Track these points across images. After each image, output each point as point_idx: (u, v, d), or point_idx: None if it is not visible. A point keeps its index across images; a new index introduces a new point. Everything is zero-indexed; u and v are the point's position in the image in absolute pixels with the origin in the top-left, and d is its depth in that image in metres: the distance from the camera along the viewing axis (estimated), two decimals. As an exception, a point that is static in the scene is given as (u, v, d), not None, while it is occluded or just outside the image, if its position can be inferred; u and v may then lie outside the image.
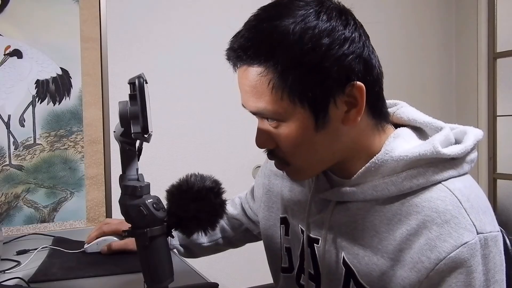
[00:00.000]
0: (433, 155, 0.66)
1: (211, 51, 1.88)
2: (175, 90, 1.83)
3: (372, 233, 0.70)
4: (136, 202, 0.67)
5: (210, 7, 1.88)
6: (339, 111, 0.66)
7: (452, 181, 0.67)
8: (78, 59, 1.63)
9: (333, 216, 0.75)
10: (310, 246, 0.79)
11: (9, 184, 1.54)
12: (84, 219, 1.64)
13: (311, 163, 0.72)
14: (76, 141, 1.63)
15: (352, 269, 0.72)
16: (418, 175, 0.67)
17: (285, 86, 0.64)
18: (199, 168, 1.97)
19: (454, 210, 0.64)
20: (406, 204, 0.67)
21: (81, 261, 1.10)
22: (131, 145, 0.70)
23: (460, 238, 0.62)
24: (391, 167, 0.68)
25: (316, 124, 0.66)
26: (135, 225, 0.69)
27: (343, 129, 0.68)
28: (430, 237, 0.64)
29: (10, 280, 0.94)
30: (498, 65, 2.40)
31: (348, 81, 0.65)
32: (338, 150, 0.71)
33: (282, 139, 0.68)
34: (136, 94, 0.65)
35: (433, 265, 0.63)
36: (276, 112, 0.66)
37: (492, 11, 2.39)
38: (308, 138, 0.67)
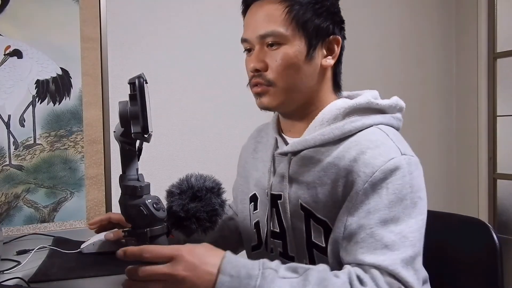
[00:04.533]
0: (367, 104, 0.86)
1: (211, 51, 1.88)
2: (175, 90, 1.83)
3: (321, 173, 0.83)
4: (136, 202, 0.67)
5: (210, 7, 1.88)
6: (321, 52, 0.88)
7: (381, 125, 0.85)
8: (78, 59, 1.63)
9: (291, 167, 0.88)
10: (275, 205, 0.91)
11: (9, 184, 1.54)
12: (84, 219, 1.64)
13: (292, 88, 0.86)
14: (76, 141, 1.63)
15: (310, 210, 0.84)
16: (356, 121, 0.84)
17: (295, 16, 0.84)
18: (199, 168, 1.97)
19: (382, 139, 0.81)
20: (347, 142, 0.83)
21: (81, 261, 1.10)
22: (131, 145, 0.71)
23: (388, 155, 0.77)
24: (334, 115, 0.86)
25: (307, 54, 0.85)
26: (135, 225, 0.69)
27: (318, 70, 0.88)
28: (366, 158, 0.78)
29: (10, 280, 0.94)
30: (498, 65, 2.40)
31: (334, 33, 0.88)
32: (310, 87, 0.88)
33: (279, 59, 0.84)
34: (136, 94, 0.66)
35: (368, 177, 0.76)
36: (282, 34, 0.84)
37: (492, 11, 2.39)
38: (298, 63, 0.85)
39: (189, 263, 0.65)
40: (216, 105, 1.89)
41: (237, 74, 1.94)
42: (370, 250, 0.73)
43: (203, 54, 1.87)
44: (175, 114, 1.83)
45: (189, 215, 0.72)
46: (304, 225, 0.85)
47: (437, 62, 2.54)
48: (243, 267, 0.66)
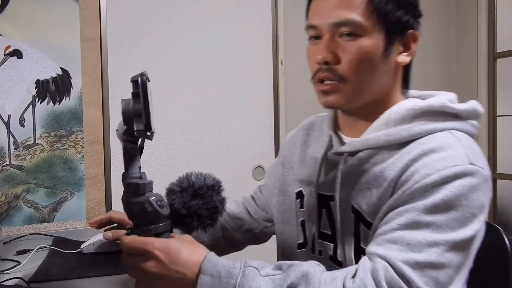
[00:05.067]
0: (441, 107, 0.77)
1: (211, 50, 1.88)
2: (175, 90, 1.83)
3: (377, 174, 0.76)
4: (140, 200, 0.68)
5: (210, 7, 1.88)
6: (398, 48, 0.79)
7: (454, 131, 0.76)
8: (78, 59, 1.63)
9: (344, 167, 0.81)
10: (325, 206, 0.84)
11: (9, 184, 1.54)
12: (84, 219, 1.64)
13: (365, 86, 0.78)
14: (76, 141, 1.63)
15: (360, 212, 0.77)
16: (427, 123, 0.76)
17: (378, 5, 0.75)
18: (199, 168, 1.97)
19: (452, 143, 0.72)
20: (412, 144, 0.75)
21: (81, 261, 1.10)
22: (134, 143, 0.71)
23: (452, 161, 0.69)
24: (402, 116, 0.77)
25: (385, 49, 0.77)
26: (138, 223, 0.69)
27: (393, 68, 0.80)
28: (427, 159, 0.70)
29: (10, 280, 0.94)
30: (498, 65, 2.40)
31: (412, 28, 0.80)
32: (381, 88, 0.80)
33: (354, 52, 0.75)
34: (138, 92, 0.66)
35: (421, 178, 0.69)
36: (361, 24, 0.75)
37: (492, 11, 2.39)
38: (374, 59, 0.76)
39: (161, 261, 0.65)
40: (216, 105, 1.89)
41: (237, 74, 1.95)
42: (389, 243, 0.67)
43: (203, 54, 1.87)
44: (175, 114, 1.83)
45: (190, 212, 0.71)
46: (353, 229, 0.78)
47: (437, 62, 2.54)
48: (223, 267, 0.65)
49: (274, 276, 0.65)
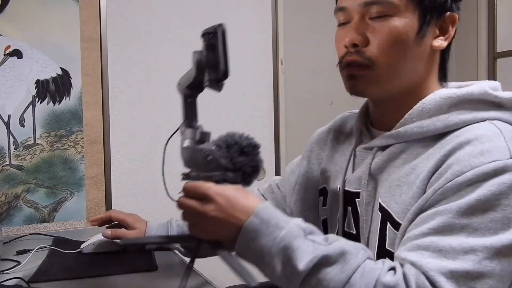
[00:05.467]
0: (481, 95, 0.69)
1: (211, 51, 1.88)
2: (175, 90, 1.82)
3: (409, 171, 0.70)
4: (203, 147, 0.70)
5: (210, 7, 1.88)
6: (433, 31, 0.73)
7: (497, 121, 0.68)
8: (78, 59, 1.63)
9: (374, 163, 0.76)
10: (350, 204, 0.80)
11: (9, 184, 1.54)
12: (84, 219, 1.64)
13: (395, 71, 0.72)
14: (76, 141, 1.63)
15: (388, 211, 0.71)
16: (465, 113, 0.68)
17: None
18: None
19: (492, 136, 0.64)
20: (448, 137, 0.68)
21: (81, 261, 1.10)
22: (193, 97, 0.76)
23: (491, 156, 0.62)
24: (437, 105, 0.70)
25: (419, 30, 0.71)
26: (198, 170, 0.71)
27: (428, 53, 0.74)
28: (462, 154, 0.63)
29: (10, 280, 0.94)
30: (498, 65, 2.40)
31: (451, 10, 0.73)
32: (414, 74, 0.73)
33: (384, 33, 0.70)
34: (213, 43, 0.70)
35: (454, 176, 0.62)
36: (392, 2, 0.70)
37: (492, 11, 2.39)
38: (407, 40, 0.70)
39: (220, 205, 0.65)
40: (216, 105, 1.89)
41: (237, 74, 1.94)
42: (419, 249, 0.62)
43: (203, 54, 1.87)
44: (176, 114, 1.82)
45: (236, 168, 0.71)
46: (378, 229, 0.73)
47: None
48: (275, 217, 0.65)
49: (316, 244, 0.62)
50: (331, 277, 0.60)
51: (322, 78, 2.20)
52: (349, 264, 0.61)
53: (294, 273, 0.60)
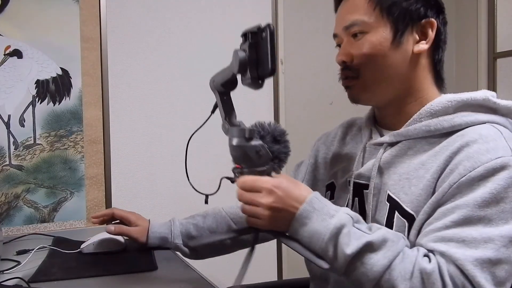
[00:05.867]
0: (483, 101, 0.79)
1: (211, 50, 1.88)
2: (175, 90, 1.83)
3: (418, 166, 0.78)
4: (254, 144, 0.74)
5: (210, 7, 1.88)
6: (412, 37, 0.82)
7: (496, 124, 0.77)
8: (78, 59, 1.63)
9: (383, 157, 0.84)
10: (358, 195, 0.87)
11: (9, 184, 1.54)
12: (84, 219, 1.64)
13: (379, 77, 0.83)
14: (76, 141, 1.63)
15: (397, 201, 0.79)
16: (469, 115, 0.78)
17: (379, 1, 0.81)
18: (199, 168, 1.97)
19: (494, 136, 0.74)
20: (454, 136, 0.77)
21: (81, 261, 1.10)
22: (227, 95, 0.81)
23: (497, 153, 0.70)
24: (444, 107, 0.80)
25: (393, 40, 0.81)
26: (251, 165, 0.75)
27: (410, 56, 0.82)
28: (470, 151, 0.72)
29: (10, 280, 0.94)
30: (498, 65, 2.40)
31: (426, 16, 0.82)
32: (401, 76, 0.83)
33: (363, 47, 0.81)
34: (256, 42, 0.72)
35: (467, 171, 0.70)
36: (364, 22, 0.81)
37: (492, 11, 2.39)
38: (383, 50, 0.81)
39: (277, 196, 0.73)
40: (216, 105, 1.89)
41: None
42: (444, 241, 0.69)
43: (203, 54, 1.87)
44: (176, 114, 1.83)
45: (274, 155, 0.77)
46: (385, 218, 0.80)
47: (437, 62, 2.54)
48: (325, 206, 0.73)
49: (361, 231, 0.71)
50: (374, 261, 0.68)
51: (322, 78, 2.20)
52: (390, 251, 0.69)
53: (342, 256, 0.69)
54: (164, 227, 1.14)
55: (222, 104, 0.81)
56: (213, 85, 0.82)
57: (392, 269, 0.68)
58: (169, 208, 1.80)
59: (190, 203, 1.86)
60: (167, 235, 1.12)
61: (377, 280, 0.68)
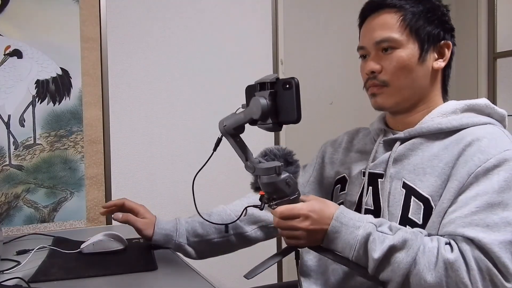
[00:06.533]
0: (485, 106, 0.94)
1: (211, 50, 1.88)
2: (175, 90, 1.83)
3: (431, 157, 0.89)
4: (283, 177, 0.83)
5: (210, 7, 1.88)
6: (433, 56, 0.96)
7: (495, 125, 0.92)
8: (78, 59, 1.63)
9: (398, 151, 0.95)
10: (373, 184, 0.97)
11: (9, 184, 1.54)
12: (84, 219, 1.64)
13: (405, 88, 0.95)
14: (76, 141, 1.63)
15: (413, 187, 0.89)
16: (474, 117, 0.92)
17: (409, 23, 0.94)
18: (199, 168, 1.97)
19: (499, 133, 0.87)
20: (461, 133, 0.89)
21: (81, 261, 1.10)
22: (239, 136, 0.88)
23: (504, 147, 0.83)
24: (453, 109, 0.94)
25: (420, 57, 0.94)
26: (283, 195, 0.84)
27: (430, 72, 0.96)
28: (481, 145, 0.84)
29: (10, 280, 0.94)
30: (498, 65, 2.40)
31: (444, 39, 0.97)
32: (421, 88, 0.96)
33: (393, 61, 0.93)
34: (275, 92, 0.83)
35: (482, 162, 0.82)
36: (396, 40, 0.94)
37: (492, 11, 2.39)
38: (411, 65, 0.94)
39: (312, 219, 0.84)
40: (217, 105, 1.89)
41: (237, 74, 1.95)
42: (471, 226, 0.78)
43: (203, 54, 1.87)
44: (175, 114, 1.83)
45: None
46: (402, 202, 0.91)
47: (437, 62, 2.54)
48: (351, 219, 0.84)
49: (385, 234, 0.81)
50: (400, 260, 0.79)
51: (322, 78, 2.20)
52: (412, 248, 0.78)
53: (371, 260, 0.81)
54: (170, 224, 1.15)
55: (238, 147, 0.88)
56: (225, 130, 0.89)
57: (417, 263, 0.78)
58: (169, 208, 1.80)
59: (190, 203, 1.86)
60: (172, 233, 1.14)
61: (406, 275, 0.78)
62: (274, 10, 2.01)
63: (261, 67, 1.98)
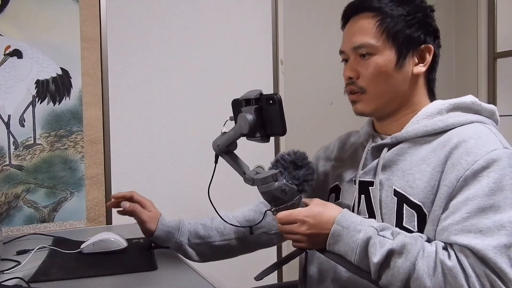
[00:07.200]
0: (471, 104, 0.91)
1: (211, 51, 1.88)
2: (175, 90, 1.83)
3: (419, 162, 0.88)
4: (278, 185, 0.85)
5: (210, 7, 1.88)
6: (412, 60, 0.93)
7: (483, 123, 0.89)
8: (78, 59, 1.63)
9: (386, 157, 0.93)
10: (365, 192, 0.95)
11: (9, 184, 1.54)
12: (84, 219, 1.64)
13: (383, 94, 0.93)
14: (76, 141, 1.63)
15: (404, 195, 0.88)
16: (460, 116, 0.89)
17: (386, 28, 0.91)
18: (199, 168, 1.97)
19: (485, 132, 0.85)
20: (448, 134, 0.87)
21: (81, 261, 1.10)
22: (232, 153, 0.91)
23: (491, 147, 0.81)
24: (438, 110, 0.91)
25: (397, 62, 0.91)
26: (281, 202, 0.87)
27: (410, 77, 0.93)
28: (468, 146, 0.82)
29: (10, 280, 0.94)
30: (498, 65, 2.40)
31: (425, 42, 0.93)
32: (401, 93, 0.93)
33: (370, 67, 0.91)
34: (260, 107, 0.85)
35: (470, 165, 0.80)
36: (372, 45, 0.91)
37: (492, 11, 2.39)
38: (388, 71, 0.91)
39: (309, 224, 0.85)
40: (217, 105, 1.89)
41: (237, 74, 1.95)
42: (463, 232, 0.77)
43: (203, 54, 1.87)
44: (175, 114, 1.83)
45: (300, 181, 0.88)
46: (395, 211, 0.89)
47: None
48: (352, 222, 0.84)
49: (386, 239, 0.81)
50: (399, 264, 0.78)
51: (322, 78, 2.20)
52: (411, 253, 0.78)
53: (372, 264, 0.80)
54: (173, 223, 1.16)
55: (234, 163, 0.90)
56: (218, 149, 0.91)
57: (416, 268, 0.77)
58: (169, 208, 1.80)
59: (190, 203, 1.87)
60: (175, 231, 1.15)
61: (406, 279, 0.78)
62: (274, 10, 2.01)
63: (261, 67, 1.98)
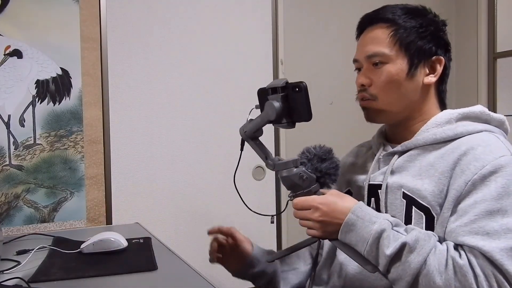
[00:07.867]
0: (480, 113, 0.94)
1: (211, 51, 1.88)
2: (175, 90, 1.83)
3: (428, 167, 0.90)
4: (297, 171, 0.88)
5: (210, 7, 1.88)
6: (423, 71, 0.96)
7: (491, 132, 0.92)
8: (78, 59, 1.63)
9: (396, 163, 0.95)
10: (375, 195, 0.97)
11: (9, 184, 1.54)
12: (84, 219, 1.64)
13: (394, 102, 0.96)
14: (76, 141, 1.63)
15: (413, 197, 0.90)
16: (468, 125, 0.92)
17: (399, 38, 0.94)
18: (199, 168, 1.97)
19: (493, 140, 0.88)
20: (457, 142, 0.89)
21: (81, 261, 1.10)
22: (258, 139, 0.94)
23: (499, 153, 0.83)
24: (447, 119, 0.94)
25: (408, 72, 0.94)
26: (298, 189, 0.89)
27: (420, 87, 0.96)
28: (476, 153, 0.84)
29: (10, 280, 0.94)
30: (498, 65, 2.40)
31: (436, 54, 0.96)
32: (412, 102, 0.96)
33: (382, 75, 0.94)
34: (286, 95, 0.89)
35: (478, 170, 0.82)
36: (386, 54, 0.94)
37: (492, 11, 2.39)
38: (399, 80, 0.94)
39: (322, 211, 0.87)
40: (216, 105, 1.89)
41: (237, 74, 1.95)
42: (471, 234, 0.79)
43: (203, 54, 1.87)
44: (175, 114, 1.83)
45: (322, 173, 0.90)
46: (404, 213, 0.91)
47: (437, 62, 2.54)
48: (368, 214, 0.85)
49: (399, 233, 0.82)
50: (411, 259, 0.79)
51: (322, 78, 2.20)
52: (424, 249, 0.79)
53: (383, 256, 0.81)
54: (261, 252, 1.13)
55: (259, 149, 0.93)
56: (246, 135, 0.94)
57: (428, 264, 0.78)
58: (169, 208, 1.81)
59: (190, 203, 1.87)
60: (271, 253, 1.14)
61: (416, 274, 0.79)
62: (274, 10, 2.01)
63: (261, 67, 1.98)
